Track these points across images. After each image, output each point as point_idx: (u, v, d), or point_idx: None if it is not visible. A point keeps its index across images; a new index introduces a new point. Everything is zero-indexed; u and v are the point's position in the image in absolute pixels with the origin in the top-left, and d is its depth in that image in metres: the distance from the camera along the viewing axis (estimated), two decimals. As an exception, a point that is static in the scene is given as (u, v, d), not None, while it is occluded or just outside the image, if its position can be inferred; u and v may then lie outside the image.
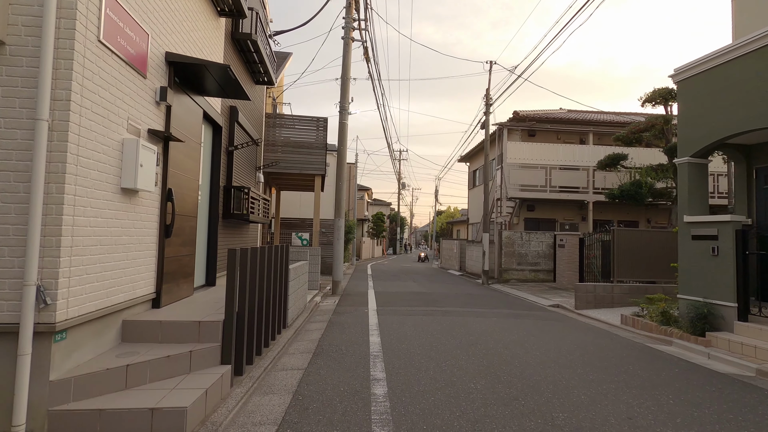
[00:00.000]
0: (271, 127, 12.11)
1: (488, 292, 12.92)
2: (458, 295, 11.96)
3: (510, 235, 15.69)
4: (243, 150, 8.44)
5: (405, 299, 10.60)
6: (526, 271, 15.66)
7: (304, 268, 8.54)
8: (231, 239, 7.64)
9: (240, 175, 8.11)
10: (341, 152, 11.87)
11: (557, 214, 18.02)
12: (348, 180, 32.92)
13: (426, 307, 9.30)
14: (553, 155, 16.91)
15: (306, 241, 11.21)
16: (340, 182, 11.79)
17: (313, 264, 11.11)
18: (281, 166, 12.04)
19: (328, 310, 8.88)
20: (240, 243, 8.36)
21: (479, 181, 24.43)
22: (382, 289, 12.64)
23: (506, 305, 10.16)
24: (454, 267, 23.37)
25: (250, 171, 9.14)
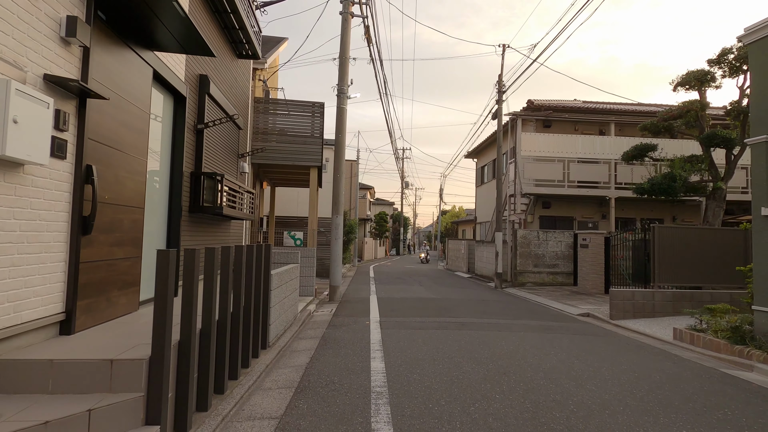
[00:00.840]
0: (261, 113, 10.79)
1: (504, 298, 11.55)
2: (471, 301, 10.59)
3: (526, 235, 14.32)
4: (221, 134, 7.11)
5: (412, 307, 9.25)
6: (544, 273, 14.28)
7: (294, 272, 7.21)
8: (202, 238, 6.31)
9: (215, 162, 6.78)
10: (339, 141, 10.53)
11: (575, 212, 16.63)
12: (349, 177, 31.65)
13: (437, 318, 7.94)
14: (571, 147, 15.53)
15: (300, 241, 9.91)
16: (339, 174, 10.45)
17: (307, 267, 9.77)
18: (272, 157, 10.71)
19: (323, 321, 7.54)
20: (217, 243, 7.02)
21: (487, 177, 23.09)
22: (385, 295, 11.28)
23: (530, 314, 8.79)
24: (462, 269, 22.01)
25: (231, 159, 7.81)
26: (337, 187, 10.38)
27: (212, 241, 6.71)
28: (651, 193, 12.14)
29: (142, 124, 4.30)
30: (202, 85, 5.92)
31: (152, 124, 4.81)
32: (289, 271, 6.74)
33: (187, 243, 5.61)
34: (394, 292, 12.13)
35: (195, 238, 6.00)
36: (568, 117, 15.96)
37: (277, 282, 5.88)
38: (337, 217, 10.33)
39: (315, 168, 10.91)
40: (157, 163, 4.99)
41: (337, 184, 10.41)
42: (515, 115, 15.50)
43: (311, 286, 9.87)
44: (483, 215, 23.61)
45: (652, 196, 12.66)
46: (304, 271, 9.75)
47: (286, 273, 6.50)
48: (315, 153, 10.86)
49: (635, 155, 13.12)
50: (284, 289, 6.36)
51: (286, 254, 7.90)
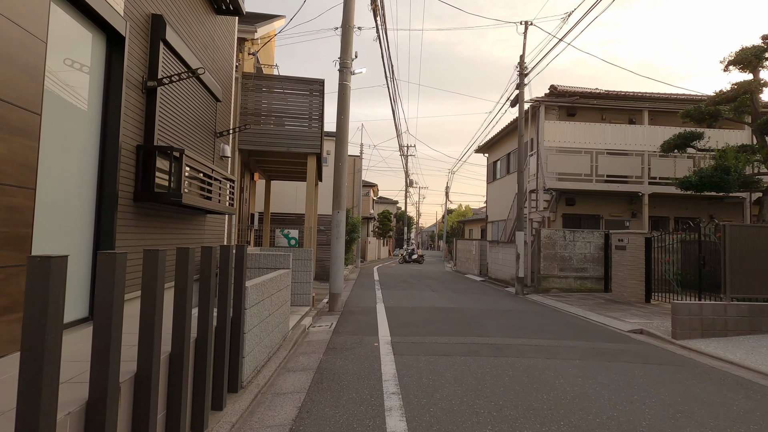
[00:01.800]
0: (251, 92, 9.24)
1: (532, 308, 9.98)
2: (495, 312, 9.03)
3: (550, 234, 12.74)
4: (190, 102, 5.57)
5: (428, 320, 7.70)
6: (571, 278, 12.70)
7: (284, 281, 5.67)
8: (157, 238, 4.76)
9: (180, 137, 5.23)
10: (342, 124, 8.98)
11: (602, 209, 15.04)
12: (352, 173, 30.11)
13: (463, 337, 6.38)
14: (600, 137, 13.93)
15: (295, 240, 8.38)
16: (341, 163, 8.90)
17: (303, 271, 8.23)
18: (263, 143, 9.17)
19: (321, 341, 6.01)
20: (182, 243, 5.48)
21: (501, 173, 21.52)
22: (394, 303, 9.73)
23: (572, 331, 7.22)
24: (473, 271, 20.45)
25: (205, 137, 6.26)
26: (338, 178, 8.83)
27: (175, 241, 5.16)
28: (699, 187, 10.55)
29: (34, 59, 2.76)
30: (156, 28, 4.37)
31: (69, 73, 3.28)
32: (277, 280, 5.20)
33: (131, 243, 4.07)
34: (403, 299, 10.58)
35: (146, 237, 4.46)
36: (597, 104, 14.35)
37: (257, 296, 4.34)
38: (339, 213, 8.78)
39: (313, 155, 9.36)
40: (78, 128, 3.45)
41: (339, 173, 8.86)
42: (538, 100, 13.92)
43: (308, 293, 8.33)
44: (495, 214, 22.03)
45: (698, 192, 11.08)
46: (299, 276, 8.22)
47: (272, 283, 4.95)
48: (313, 138, 9.31)
49: (678, 144, 11.53)
50: (269, 303, 4.82)
51: (274, 257, 6.34)
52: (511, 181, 19.57)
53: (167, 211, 5.00)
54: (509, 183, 19.94)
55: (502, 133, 20.50)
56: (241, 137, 9.11)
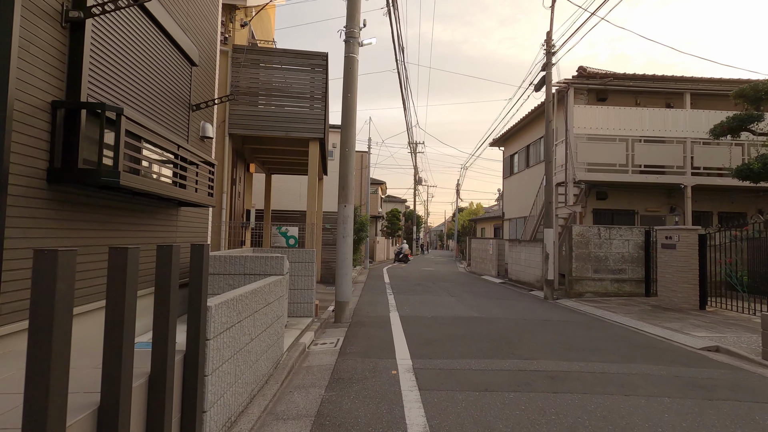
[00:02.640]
0: (244, 67, 7.97)
1: (571, 317, 8.60)
2: (530, 323, 7.68)
3: (583, 232, 11.33)
4: (148, 58, 4.28)
5: (454, 336, 6.36)
6: (607, 281, 11.28)
7: (274, 291, 4.37)
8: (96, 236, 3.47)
9: (132, 101, 3.95)
10: (348, 103, 7.66)
11: (637, 204, 13.59)
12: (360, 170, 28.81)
13: (503, 360, 5.05)
14: (636, 123, 12.49)
15: (294, 240, 7.09)
16: (347, 149, 7.59)
17: (303, 276, 6.94)
18: (259, 127, 7.91)
19: (323, 367, 4.70)
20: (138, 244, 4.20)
21: (519, 166, 20.13)
22: (410, 312, 8.41)
23: (634, 350, 5.85)
24: (490, 272, 19.06)
25: (174, 109, 4.97)
26: (345, 166, 7.52)
27: (127, 241, 3.87)
28: (763, 176, 9.10)
29: None
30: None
31: None
32: (263, 292, 3.90)
33: (43, 244, 2.79)
34: (420, 306, 9.25)
35: (76, 236, 3.17)
36: (632, 86, 12.90)
37: (231, 317, 3.04)
38: (346, 207, 7.47)
39: (315, 141, 8.07)
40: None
41: (346, 161, 7.55)
42: (566, 82, 12.51)
43: (310, 302, 7.03)
44: (513, 210, 20.63)
45: (756, 182, 9.63)
46: (299, 282, 6.92)
47: (256, 296, 3.65)
48: (315, 121, 8.02)
49: (733, 128, 10.07)
50: (251, 324, 3.52)
51: (265, 261, 5.02)
52: (531, 175, 18.17)
53: (114, 199, 3.71)
54: (528, 177, 18.54)
55: (520, 124, 19.10)
56: (232, 120, 7.85)
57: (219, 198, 7.81)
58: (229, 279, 4.72)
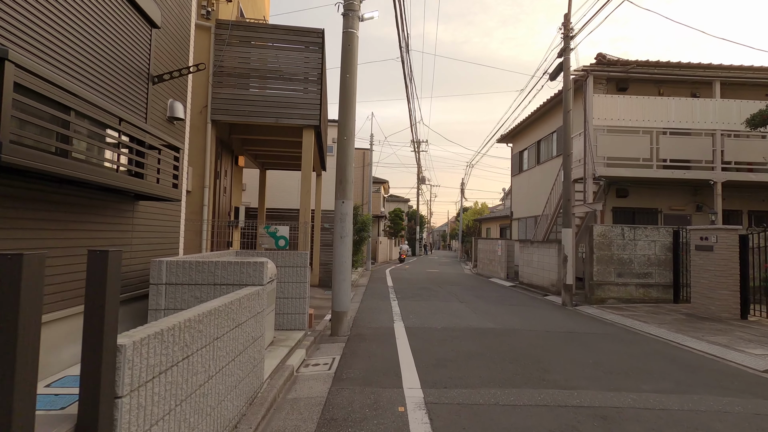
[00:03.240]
0: (229, 45, 7.04)
1: (598, 327, 7.63)
2: (554, 336, 6.71)
3: (605, 232, 10.35)
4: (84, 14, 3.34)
5: (469, 352, 5.40)
6: (631, 285, 10.30)
7: (248, 308, 3.42)
8: None
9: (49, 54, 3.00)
10: (347, 85, 6.71)
11: (660, 202, 12.60)
12: (362, 167, 27.91)
13: (536, 390, 4.09)
14: (662, 113, 11.50)
15: (285, 240, 6.14)
16: (345, 137, 6.64)
17: (295, 282, 6.00)
18: (246, 113, 6.98)
19: (312, 400, 3.76)
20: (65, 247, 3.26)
21: (529, 163, 19.15)
22: (417, 322, 7.46)
23: (688, 374, 4.88)
24: (498, 274, 18.09)
25: (121, 76, 4.01)
26: (343, 156, 6.57)
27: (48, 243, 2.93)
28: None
29: None
30: None
31: None
32: (230, 311, 2.95)
33: None
34: (427, 314, 8.30)
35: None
36: (657, 74, 11.89)
37: (168, 356, 2.10)
38: (344, 204, 6.53)
39: (310, 129, 7.13)
40: None
41: (344, 151, 6.60)
42: (585, 70, 11.52)
43: (302, 312, 6.09)
44: (522, 209, 19.65)
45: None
46: (290, 290, 5.98)
47: (216, 319, 2.70)
48: (310, 106, 7.08)
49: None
50: (208, 358, 2.58)
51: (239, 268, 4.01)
52: (542, 172, 17.20)
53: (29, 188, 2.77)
54: (540, 174, 17.57)
55: (531, 118, 18.13)
56: (215, 105, 6.93)
57: (200, 193, 6.89)
58: (195, 291, 3.78)
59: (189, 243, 6.69)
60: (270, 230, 6.26)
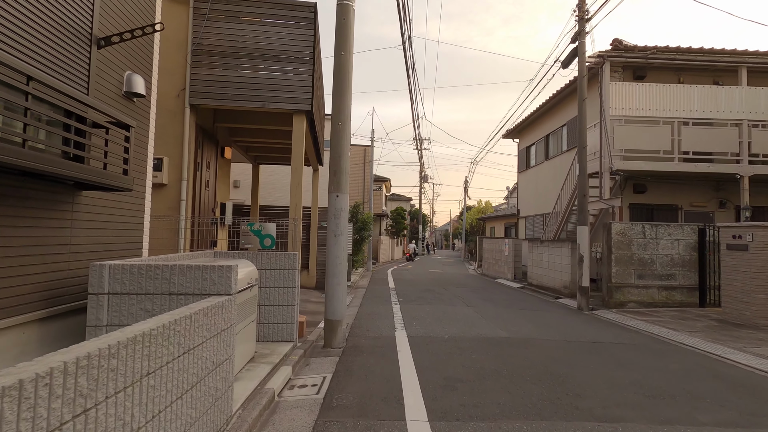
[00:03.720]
0: (209, 20, 6.27)
1: (624, 336, 6.83)
2: (578, 346, 5.93)
3: (625, 230, 9.56)
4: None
5: (483, 369, 4.63)
6: (653, 288, 9.50)
7: (210, 324, 2.65)
8: None
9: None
10: (342, 64, 5.94)
11: (680, 198, 11.79)
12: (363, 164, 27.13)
13: (568, 423, 3.31)
14: (684, 103, 10.70)
15: (271, 240, 5.37)
16: (340, 122, 5.87)
17: (282, 287, 5.24)
18: (228, 96, 6.22)
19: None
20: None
21: (537, 159, 18.36)
22: (422, 330, 6.69)
23: (746, 397, 4.09)
24: (505, 275, 17.30)
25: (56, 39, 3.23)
26: (338, 145, 5.80)
27: None
28: None
29: None
30: None
31: None
32: (176, 333, 2.18)
33: None
34: (432, 321, 7.53)
35: None
36: (678, 60, 11.06)
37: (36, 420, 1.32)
38: (339, 198, 5.76)
39: (301, 115, 6.37)
40: None
41: (339, 138, 5.83)
42: (601, 56, 10.71)
43: (290, 321, 5.32)
44: (529, 207, 18.85)
45: None
46: (276, 296, 5.22)
47: (149, 346, 1.93)
48: (300, 89, 6.32)
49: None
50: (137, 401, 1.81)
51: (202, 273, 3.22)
52: (552, 167, 16.40)
53: None
54: (549, 170, 16.77)
55: (538, 112, 17.34)
56: (194, 88, 6.17)
57: (177, 186, 6.13)
58: (146, 302, 3.02)
59: (163, 243, 5.94)
60: (254, 228, 5.50)
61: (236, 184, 15.45)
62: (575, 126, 14.17)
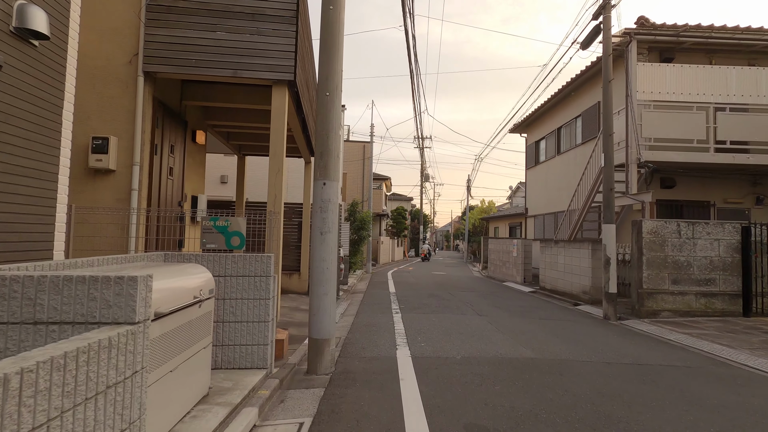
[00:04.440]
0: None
1: (673, 356, 5.67)
2: (621, 370, 4.77)
3: (657, 229, 8.40)
4: None
5: (513, 409, 3.46)
6: (690, 295, 8.33)
7: (68, 386, 1.48)
8: None
9: None
10: (331, 19, 4.77)
11: (712, 194, 10.64)
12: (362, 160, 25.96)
13: None
14: (720, 86, 9.55)
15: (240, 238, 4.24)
16: (328, 92, 4.71)
17: (254, 299, 4.10)
18: (192, 63, 5.06)
19: None
20: None
21: (546, 153, 17.21)
22: (428, 349, 5.52)
23: None
24: (514, 278, 16.13)
25: None
26: (325, 119, 4.64)
27: None
28: None
29: None
30: None
31: None
32: None
33: None
34: (440, 336, 6.36)
35: None
36: (714, 37, 9.89)
37: None
38: (326, 186, 4.59)
39: (282, 86, 5.22)
40: None
41: (326, 112, 4.66)
42: (628, 33, 9.54)
43: (263, 342, 4.16)
44: (539, 205, 17.69)
45: None
46: (242, 311, 4.08)
47: None
48: (280, 54, 5.16)
49: None
50: None
51: (84, 290, 2.12)
52: (564, 162, 15.24)
53: None
54: (561, 165, 15.62)
55: (549, 104, 16.19)
56: (149, 52, 5.01)
57: (127, 173, 4.97)
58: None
59: (110, 242, 4.79)
60: (218, 223, 4.34)
61: (223, 179, 14.30)
62: (591, 116, 13.01)
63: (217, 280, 4.13)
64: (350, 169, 24.80)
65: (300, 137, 7.90)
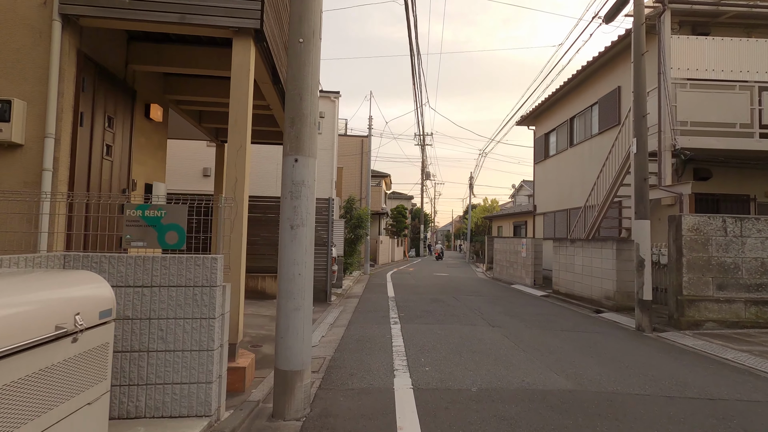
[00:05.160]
0: None
1: (748, 386, 4.46)
2: (689, 406, 3.57)
3: (699, 226, 7.19)
4: None
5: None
6: (738, 302, 7.13)
7: None
8: None
9: None
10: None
11: (752, 186, 9.44)
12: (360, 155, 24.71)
13: None
14: (765, 62, 8.33)
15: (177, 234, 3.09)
16: (301, 39, 3.49)
17: (188, 318, 2.88)
18: (125, 4, 3.82)
19: None
20: None
21: (557, 146, 16.02)
22: (435, 376, 4.32)
23: None
24: (523, 280, 14.93)
25: None
26: (299, 73, 3.45)
27: None
28: None
29: None
30: None
31: None
32: None
33: None
34: (448, 357, 5.16)
35: None
36: (758, 5, 8.68)
37: None
38: (298, 163, 3.39)
39: (246, 37, 4.03)
40: None
41: (300, 64, 3.47)
42: (661, 1, 8.32)
43: (204, 380, 2.98)
44: (549, 202, 16.48)
45: None
46: (173, 335, 2.90)
47: None
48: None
49: None
50: None
51: None
52: (577, 155, 14.04)
53: None
54: (573, 158, 14.43)
55: (559, 93, 15.00)
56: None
57: (38, 147, 3.78)
58: None
59: (14, 239, 3.59)
60: (149, 213, 3.16)
61: (206, 172, 13.12)
62: (610, 103, 11.80)
63: (140, 292, 2.94)
64: (347, 164, 23.57)
65: (281, 116, 6.70)
